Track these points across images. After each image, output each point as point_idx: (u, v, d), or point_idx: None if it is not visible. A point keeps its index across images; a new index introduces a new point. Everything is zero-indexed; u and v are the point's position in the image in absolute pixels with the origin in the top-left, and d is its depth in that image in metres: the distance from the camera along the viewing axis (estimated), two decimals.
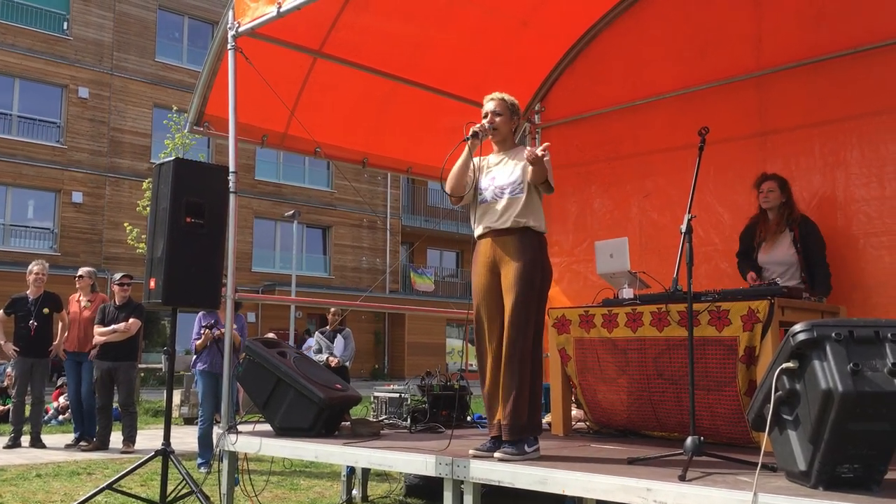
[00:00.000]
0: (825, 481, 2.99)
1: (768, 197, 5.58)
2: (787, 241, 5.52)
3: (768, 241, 5.60)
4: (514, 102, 4.38)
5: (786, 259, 5.50)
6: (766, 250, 5.60)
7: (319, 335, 9.96)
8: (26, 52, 26.27)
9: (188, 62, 29.88)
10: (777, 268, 5.53)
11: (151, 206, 5.48)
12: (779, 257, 5.53)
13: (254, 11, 5.49)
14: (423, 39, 6.65)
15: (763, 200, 5.61)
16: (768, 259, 5.58)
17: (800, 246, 5.47)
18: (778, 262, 5.52)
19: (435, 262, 38.20)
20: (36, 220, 26.82)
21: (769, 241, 5.60)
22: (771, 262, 5.57)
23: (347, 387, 5.61)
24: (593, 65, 7.42)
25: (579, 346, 5.28)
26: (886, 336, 3.01)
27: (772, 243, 5.59)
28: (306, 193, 33.03)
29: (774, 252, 5.56)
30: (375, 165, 7.47)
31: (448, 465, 3.95)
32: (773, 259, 5.55)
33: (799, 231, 5.49)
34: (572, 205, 7.44)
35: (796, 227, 5.52)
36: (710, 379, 4.59)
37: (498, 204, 4.22)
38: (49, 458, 8.41)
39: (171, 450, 5.31)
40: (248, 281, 29.60)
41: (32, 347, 9.27)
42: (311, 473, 7.71)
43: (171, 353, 5.62)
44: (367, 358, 32.24)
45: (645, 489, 3.24)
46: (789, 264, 5.49)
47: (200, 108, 6.17)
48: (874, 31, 5.63)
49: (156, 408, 14.59)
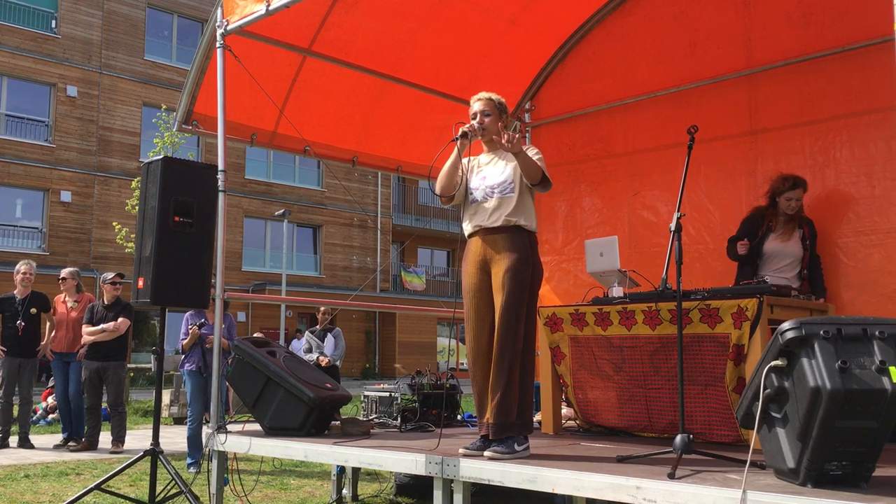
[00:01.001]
0: (814, 479, 3.00)
1: (794, 206, 5.58)
2: (797, 235, 5.61)
3: (782, 232, 5.64)
4: (502, 101, 4.38)
5: (796, 252, 5.59)
6: (779, 240, 5.64)
7: (310, 334, 9.94)
8: (14, 50, 26.14)
9: (177, 60, 29.80)
10: (785, 259, 5.60)
11: (140, 206, 5.46)
12: (791, 249, 5.60)
13: (242, 9, 5.47)
14: (412, 38, 6.64)
15: (789, 208, 5.59)
16: (780, 249, 5.62)
17: (808, 243, 5.57)
18: (790, 253, 5.60)
19: (426, 260, 38.18)
20: (24, 220, 26.70)
21: (783, 232, 5.63)
22: (783, 252, 5.61)
23: (337, 386, 5.59)
24: (583, 63, 7.42)
25: (574, 343, 5.28)
26: (874, 334, 3.02)
27: (786, 235, 5.63)
28: (297, 192, 32.98)
29: (788, 243, 5.61)
30: (365, 164, 7.45)
31: (438, 464, 3.94)
32: (786, 250, 5.60)
33: (808, 230, 5.61)
34: (562, 203, 7.45)
35: (806, 225, 5.62)
36: (707, 374, 4.61)
37: (489, 203, 4.22)
38: (38, 458, 8.37)
39: (160, 450, 5.29)
40: (239, 280, 29.55)
41: (20, 347, 9.22)
42: (301, 473, 7.70)
43: (160, 353, 5.60)
44: (358, 357, 32.22)
45: (635, 487, 3.24)
46: (797, 258, 5.59)
47: (189, 107, 6.14)
48: (862, 31, 5.65)
49: (145, 408, 14.55)
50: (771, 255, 5.63)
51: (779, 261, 5.59)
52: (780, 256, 5.60)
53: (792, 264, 5.58)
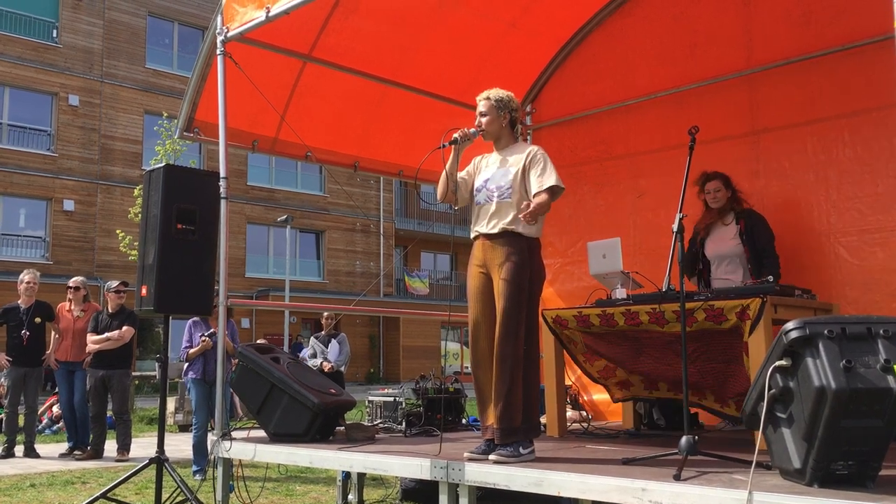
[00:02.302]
0: (820, 479, 2.99)
1: (716, 196, 5.67)
2: (731, 233, 5.62)
3: (712, 235, 5.71)
4: (502, 98, 4.33)
5: (730, 251, 5.60)
6: (711, 245, 5.73)
7: (314, 340, 9.94)
8: (16, 60, 26.19)
9: (178, 68, 29.82)
10: (722, 260, 5.64)
11: (142, 214, 5.46)
12: (723, 250, 5.64)
13: (242, 16, 5.48)
14: (412, 42, 6.65)
15: (712, 200, 5.70)
16: (714, 253, 5.70)
17: (745, 237, 5.55)
18: (722, 254, 5.64)
19: (429, 264, 38.15)
20: (28, 229, 26.73)
21: (713, 235, 5.71)
22: (716, 255, 5.68)
23: (342, 391, 5.59)
24: (584, 65, 7.42)
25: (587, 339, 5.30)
26: (878, 332, 3.02)
27: (715, 237, 5.70)
28: (299, 198, 32.99)
29: (719, 245, 5.67)
30: (367, 169, 7.45)
31: (443, 468, 3.94)
32: (718, 252, 5.66)
33: (745, 224, 5.57)
34: (565, 206, 7.43)
35: (742, 220, 5.60)
36: (726, 354, 4.65)
37: (489, 207, 4.22)
38: (43, 467, 8.37)
39: (165, 457, 5.29)
40: (242, 287, 29.53)
41: (25, 357, 9.22)
42: (306, 479, 7.69)
43: (164, 361, 5.61)
44: (363, 362, 32.19)
45: (640, 489, 3.24)
46: (733, 255, 5.60)
47: (190, 114, 6.14)
48: (862, 29, 5.64)
49: (150, 415, 14.53)
50: (712, 261, 5.70)
51: (718, 265, 5.65)
52: (719, 261, 5.66)
53: (732, 265, 5.59)
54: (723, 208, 5.67)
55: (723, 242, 5.65)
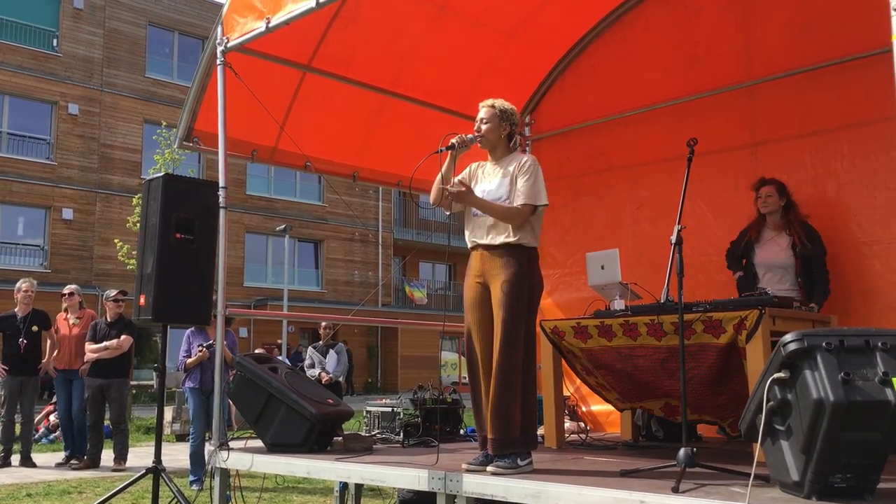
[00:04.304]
0: (818, 491, 2.98)
1: (767, 202, 5.61)
2: (783, 244, 5.55)
3: (764, 244, 5.64)
4: (505, 108, 4.32)
5: (781, 262, 5.53)
6: (761, 253, 5.65)
7: (312, 350, 9.93)
8: (16, 69, 26.24)
9: (178, 78, 29.87)
10: (771, 270, 5.57)
11: (141, 223, 5.47)
12: (774, 260, 5.56)
13: (243, 27, 5.50)
14: (411, 53, 6.66)
15: (762, 205, 5.64)
16: (762, 261, 5.63)
17: (798, 250, 5.49)
18: (772, 264, 5.57)
19: (427, 275, 38.14)
20: (26, 238, 26.71)
21: (763, 243, 5.64)
22: (765, 263, 5.61)
23: (339, 401, 5.58)
24: (583, 77, 7.43)
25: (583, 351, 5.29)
26: (877, 345, 3.01)
27: (766, 246, 5.63)
28: (298, 208, 33.01)
29: (770, 255, 5.59)
30: (366, 179, 7.45)
31: (441, 479, 3.92)
32: (767, 261, 5.59)
33: (798, 236, 5.52)
34: (565, 217, 7.43)
35: (796, 231, 5.54)
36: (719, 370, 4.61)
37: (487, 218, 4.19)
38: (40, 476, 8.34)
39: (162, 467, 5.28)
40: (240, 296, 29.52)
41: (22, 365, 9.21)
42: (303, 489, 7.67)
43: (162, 370, 5.61)
44: (361, 372, 32.13)
45: (639, 501, 3.22)
46: (785, 267, 5.53)
47: (190, 124, 6.14)
48: (862, 41, 5.65)
49: (147, 425, 14.51)
50: (760, 269, 5.64)
51: (767, 273, 5.58)
52: (767, 270, 5.59)
53: (783, 277, 5.52)
54: (776, 217, 5.61)
55: (774, 252, 5.57)
